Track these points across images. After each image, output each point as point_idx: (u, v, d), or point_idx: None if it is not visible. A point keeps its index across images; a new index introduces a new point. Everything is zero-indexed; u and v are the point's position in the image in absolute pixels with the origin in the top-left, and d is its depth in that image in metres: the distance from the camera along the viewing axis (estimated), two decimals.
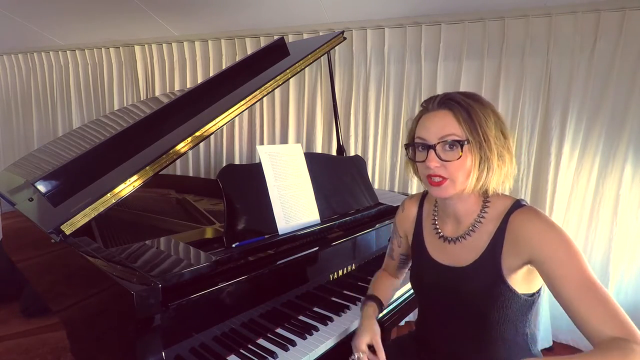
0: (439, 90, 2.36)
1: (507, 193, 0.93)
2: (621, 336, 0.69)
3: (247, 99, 1.39)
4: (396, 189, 2.59)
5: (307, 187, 1.38)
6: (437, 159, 0.85)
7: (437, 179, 0.87)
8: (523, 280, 0.86)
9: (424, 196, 1.11)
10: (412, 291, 1.49)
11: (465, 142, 0.84)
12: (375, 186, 2.62)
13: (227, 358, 1.03)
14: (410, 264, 1.15)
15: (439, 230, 1.00)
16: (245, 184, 1.25)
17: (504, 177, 0.88)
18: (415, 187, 2.52)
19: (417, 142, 0.90)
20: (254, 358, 1.04)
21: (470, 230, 0.93)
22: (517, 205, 0.88)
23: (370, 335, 1.01)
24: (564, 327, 2.24)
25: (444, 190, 0.87)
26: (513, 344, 0.91)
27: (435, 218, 1.02)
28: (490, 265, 0.88)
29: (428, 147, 0.86)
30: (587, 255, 2.19)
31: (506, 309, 0.87)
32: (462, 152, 0.84)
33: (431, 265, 0.99)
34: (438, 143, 0.85)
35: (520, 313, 0.88)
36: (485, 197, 0.92)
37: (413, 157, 0.92)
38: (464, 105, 0.85)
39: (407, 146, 0.94)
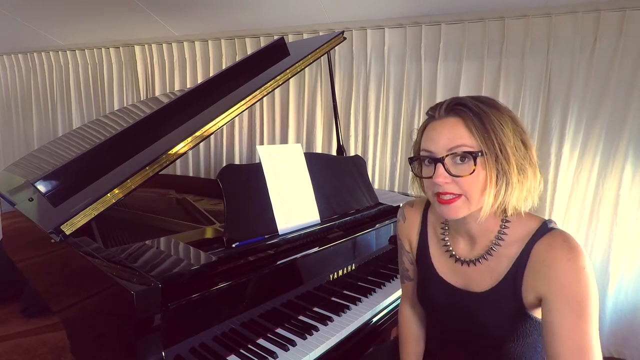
0: (439, 91, 2.36)
1: (528, 210, 0.80)
2: None
3: (247, 99, 1.39)
4: (396, 189, 2.59)
5: (307, 187, 1.38)
6: (446, 174, 0.74)
7: (447, 197, 0.75)
8: None
9: (427, 205, 0.99)
10: None
11: (479, 154, 0.72)
12: (375, 186, 2.62)
13: (227, 358, 1.03)
14: None
15: (451, 249, 0.89)
16: (245, 184, 1.25)
17: (526, 194, 0.76)
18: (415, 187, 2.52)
19: (424, 155, 0.78)
20: (254, 358, 1.04)
21: (487, 253, 0.82)
22: (545, 228, 0.76)
23: None
24: None
25: (455, 210, 0.76)
26: None
27: (446, 234, 0.91)
28: (510, 293, 0.78)
29: (435, 161, 0.75)
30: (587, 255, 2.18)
31: (527, 337, 0.80)
32: (475, 165, 0.72)
33: (441, 285, 0.90)
34: (447, 156, 0.74)
35: (540, 338, 0.80)
36: (504, 216, 0.80)
37: (419, 173, 0.81)
38: (476, 111, 0.73)
39: (411, 160, 0.83)
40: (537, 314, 0.78)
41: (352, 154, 2.45)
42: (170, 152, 1.21)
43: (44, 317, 2.33)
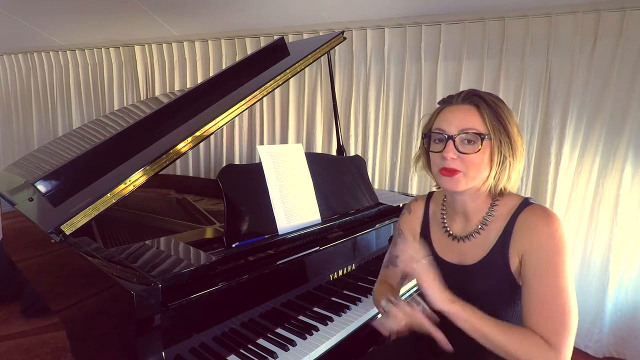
0: (439, 91, 2.36)
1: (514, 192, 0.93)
2: (546, 340, 0.77)
3: (247, 99, 1.39)
4: (396, 189, 2.59)
5: (308, 187, 1.38)
6: (454, 151, 0.85)
7: (450, 170, 0.86)
8: None
9: (429, 197, 1.10)
10: (415, 288, 1.49)
11: (486, 137, 0.84)
12: (375, 186, 2.62)
13: (227, 358, 1.03)
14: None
15: (448, 228, 0.99)
16: (245, 184, 1.25)
17: (515, 175, 0.88)
18: (415, 187, 2.52)
19: (436, 132, 0.88)
20: (254, 358, 1.04)
21: (479, 228, 0.92)
22: (526, 203, 0.88)
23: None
24: None
25: (455, 182, 0.86)
26: None
27: (444, 216, 1.02)
28: (498, 262, 0.88)
29: (447, 138, 0.85)
30: (587, 255, 2.18)
31: (514, 306, 0.89)
32: (481, 145, 0.84)
33: (438, 263, 0.97)
34: (458, 135, 0.85)
35: None
36: (494, 195, 0.92)
37: (428, 147, 0.91)
38: (490, 103, 0.85)
39: (425, 135, 0.93)
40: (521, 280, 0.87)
41: (352, 154, 2.45)
42: (170, 152, 1.21)
43: (44, 317, 2.34)
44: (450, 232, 0.98)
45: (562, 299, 0.79)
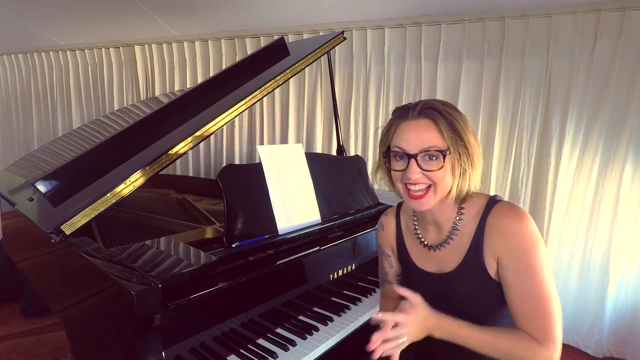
0: (439, 91, 2.36)
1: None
2: (536, 337, 0.79)
3: (247, 99, 1.39)
4: None
5: (308, 187, 1.38)
6: (418, 170, 0.84)
7: (417, 192, 0.86)
8: None
9: (399, 208, 1.10)
10: None
11: (447, 152, 0.83)
12: (375, 186, 2.62)
13: (227, 358, 1.03)
14: None
15: (422, 239, 1.00)
16: (245, 184, 1.25)
17: (477, 179, 0.89)
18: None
19: (396, 151, 0.87)
20: (254, 358, 1.04)
21: (451, 234, 0.93)
22: (493, 201, 0.89)
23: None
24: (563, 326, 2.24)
25: (425, 203, 0.87)
26: None
27: (417, 226, 1.02)
28: (474, 265, 0.88)
29: (409, 157, 0.85)
30: (587, 255, 2.18)
31: (499, 307, 0.89)
32: (444, 162, 0.83)
33: (418, 274, 0.99)
34: (419, 153, 0.84)
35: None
36: (460, 201, 0.92)
37: (389, 166, 0.90)
38: (446, 115, 0.84)
39: (385, 154, 0.91)
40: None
41: (352, 154, 2.45)
42: (170, 152, 1.21)
43: (44, 317, 2.34)
44: (425, 243, 0.98)
45: (543, 293, 0.80)
